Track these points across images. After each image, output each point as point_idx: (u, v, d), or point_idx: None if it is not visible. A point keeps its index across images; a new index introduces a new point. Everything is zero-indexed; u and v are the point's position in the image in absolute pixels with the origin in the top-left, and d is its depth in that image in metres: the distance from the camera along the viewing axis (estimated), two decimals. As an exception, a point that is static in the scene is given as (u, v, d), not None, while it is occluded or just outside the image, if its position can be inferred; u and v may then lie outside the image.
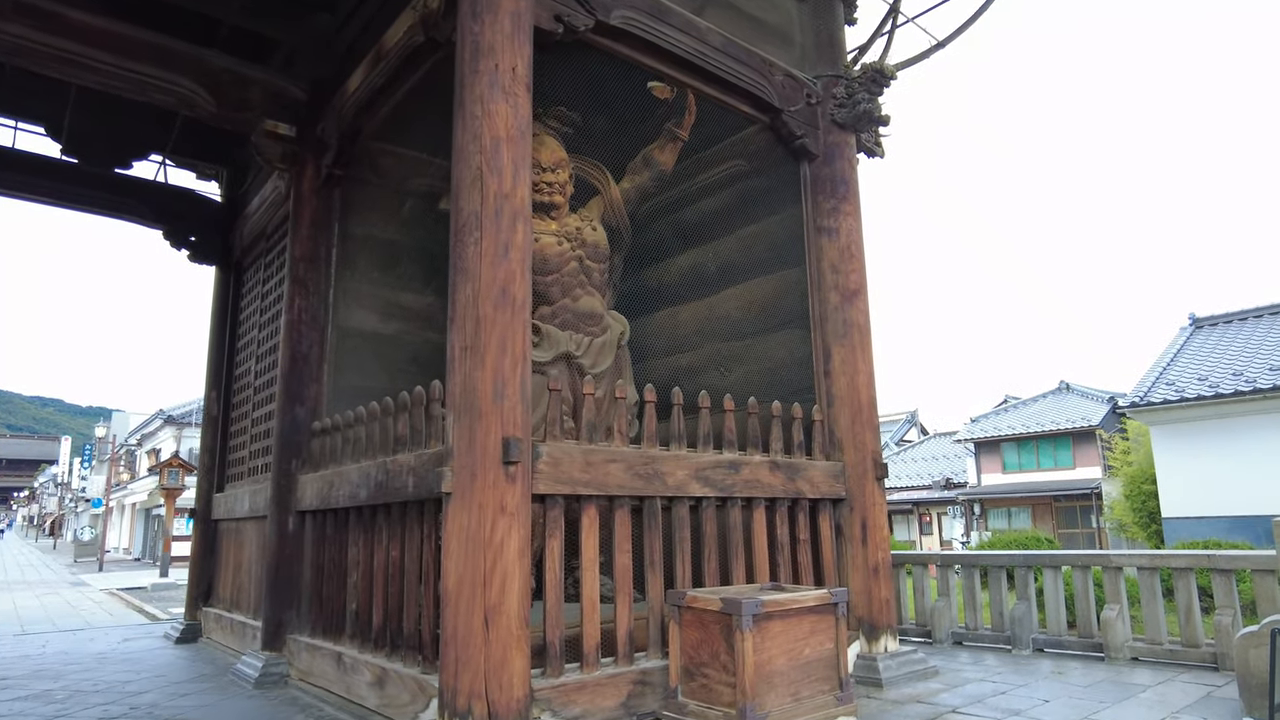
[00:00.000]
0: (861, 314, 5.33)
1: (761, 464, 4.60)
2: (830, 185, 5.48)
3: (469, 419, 3.37)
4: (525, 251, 3.63)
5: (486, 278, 3.49)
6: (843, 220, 5.42)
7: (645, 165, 6.05)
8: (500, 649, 3.22)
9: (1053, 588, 5.88)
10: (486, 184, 3.59)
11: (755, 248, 6.02)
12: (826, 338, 5.31)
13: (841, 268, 5.35)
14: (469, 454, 3.34)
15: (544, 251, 5.66)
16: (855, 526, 5.00)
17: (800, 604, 3.69)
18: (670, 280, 6.82)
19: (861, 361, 5.23)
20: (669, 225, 6.85)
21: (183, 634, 7.21)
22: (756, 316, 5.93)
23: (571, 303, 5.70)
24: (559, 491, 3.65)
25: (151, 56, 5.38)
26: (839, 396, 5.19)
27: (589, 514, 3.78)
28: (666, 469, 4.10)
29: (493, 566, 3.26)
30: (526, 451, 3.46)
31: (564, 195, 5.86)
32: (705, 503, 4.31)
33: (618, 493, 3.88)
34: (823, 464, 5.01)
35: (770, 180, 5.93)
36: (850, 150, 5.61)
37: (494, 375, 3.41)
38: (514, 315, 3.51)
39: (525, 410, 3.48)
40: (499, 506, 3.31)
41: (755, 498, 4.56)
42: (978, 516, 26.49)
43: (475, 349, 3.43)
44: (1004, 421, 27.66)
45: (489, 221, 3.55)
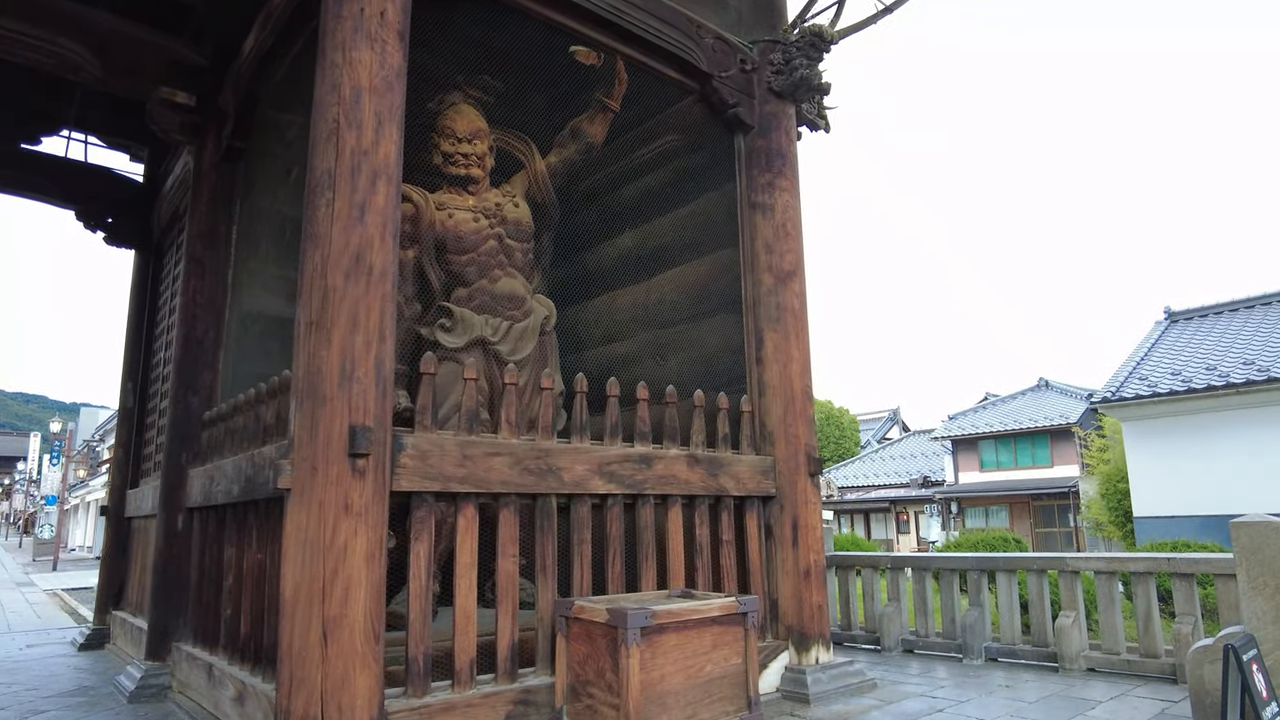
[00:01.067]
0: (796, 297, 4.93)
1: (678, 458, 4.19)
2: (766, 158, 5.08)
3: (311, 405, 2.95)
4: (388, 217, 3.20)
5: (338, 243, 3.06)
6: (779, 196, 5.02)
7: (573, 138, 5.63)
8: (341, 667, 2.80)
9: (1007, 593, 5.50)
10: (343, 138, 3.16)
11: (691, 228, 5.61)
12: (759, 322, 4.90)
13: (776, 247, 4.95)
14: (310, 445, 2.91)
15: (459, 229, 5.23)
16: (786, 526, 4.59)
17: (701, 614, 3.29)
18: (608, 265, 6.40)
19: (796, 348, 4.83)
20: (607, 206, 6.43)
21: (88, 640, 6.74)
22: (691, 301, 5.52)
23: (489, 284, 5.27)
24: (428, 488, 3.23)
25: (23, 12, 4.91)
26: (771, 386, 4.79)
27: (466, 514, 3.35)
28: (564, 464, 3.68)
29: (333, 573, 2.84)
30: (383, 443, 3.04)
31: (482, 168, 5.43)
32: (611, 501, 3.90)
33: (502, 490, 3.45)
34: (750, 459, 4.61)
35: (706, 156, 5.53)
36: (788, 121, 5.20)
37: (342, 355, 2.98)
38: (369, 287, 3.08)
39: (382, 396, 3.06)
40: (342, 505, 2.88)
41: (671, 495, 4.15)
42: (955, 515, 26.21)
43: (321, 325, 3.00)
44: (982, 419, 27.39)
45: (343, 181, 3.12)
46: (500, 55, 5.52)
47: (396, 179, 3.29)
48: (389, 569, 4.03)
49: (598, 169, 6.34)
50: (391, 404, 3.12)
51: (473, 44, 5.43)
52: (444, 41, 5.19)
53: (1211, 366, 13.20)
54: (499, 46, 5.48)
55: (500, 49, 5.49)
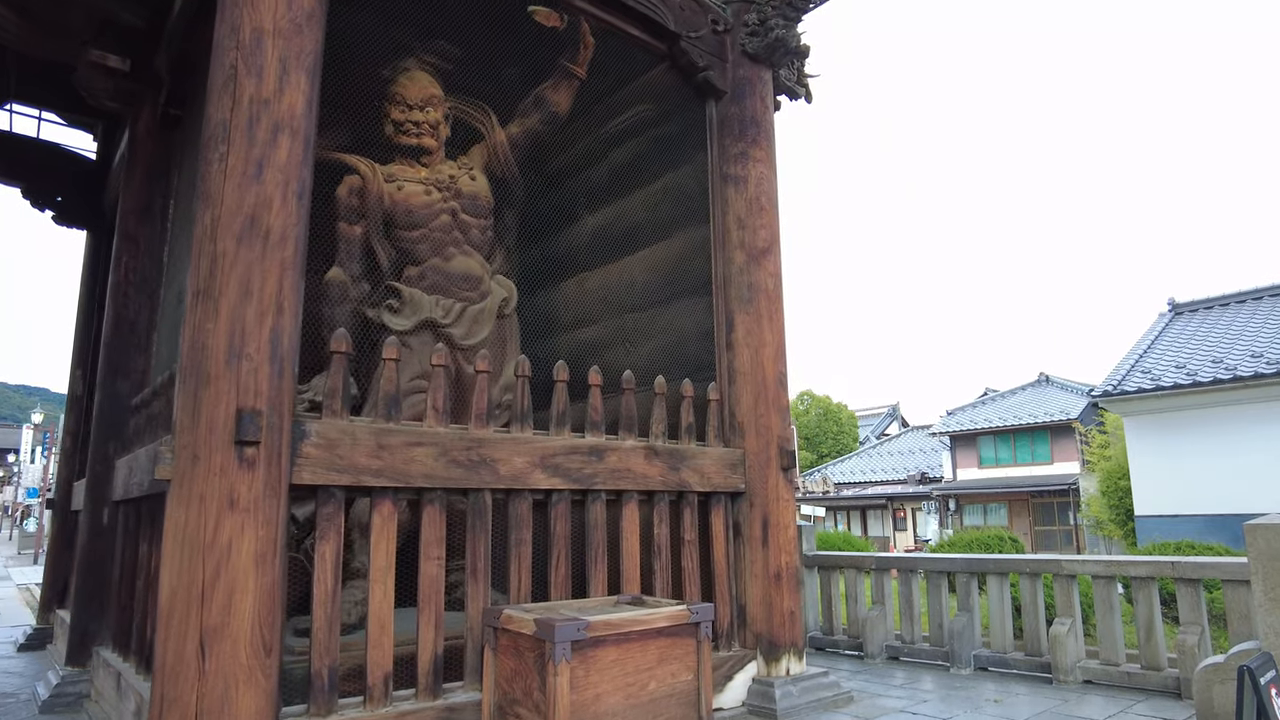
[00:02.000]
0: (770, 277, 4.54)
1: (634, 450, 3.82)
2: (739, 126, 4.69)
3: (194, 385, 2.57)
4: (291, 175, 2.82)
5: (230, 202, 2.69)
6: (752, 167, 4.63)
7: (536, 106, 5.25)
8: (220, 684, 2.43)
9: (999, 597, 5.12)
10: (240, 86, 2.79)
11: (663, 204, 5.23)
12: (729, 304, 4.52)
13: (749, 222, 4.57)
14: (191, 431, 2.54)
15: (409, 202, 4.85)
16: (755, 525, 4.22)
17: (645, 625, 2.91)
18: (579, 246, 6.01)
19: (769, 332, 4.45)
20: (577, 184, 6.04)
21: (29, 640, 6.39)
22: (662, 284, 5.14)
23: (443, 263, 4.89)
24: (335, 482, 2.85)
25: (-65, -35, 4.53)
26: (741, 372, 4.41)
27: (381, 511, 2.98)
28: (499, 455, 3.31)
29: (214, 576, 2.47)
30: (279, 430, 2.66)
31: (436, 138, 5.04)
32: (556, 497, 3.53)
33: (425, 484, 3.08)
34: (716, 451, 4.23)
35: (679, 126, 5.14)
36: (764, 88, 4.81)
37: (230, 329, 2.61)
38: (266, 252, 2.71)
39: (278, 376, 2.68)
40: (226, 499, 2.51)
41: (626, 491, 3.78)
42: (952, 512, 25.82)
43: (209, 295, 2.62)
44: (981, 414, 26.97)
45: (239, 133, 2.74)
46: (458, 20, 5.13)
47: (305, 134, 2.92)
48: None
49: (569, 145, 5.97)
50: (291, 385, 2.74)
51: (430, 8, 5.04)
52: (398, 5, 4.83)
53: (1218, 359, 12.78)
54: (457, 10, 5.09)
55: (458, 13, 5.10)
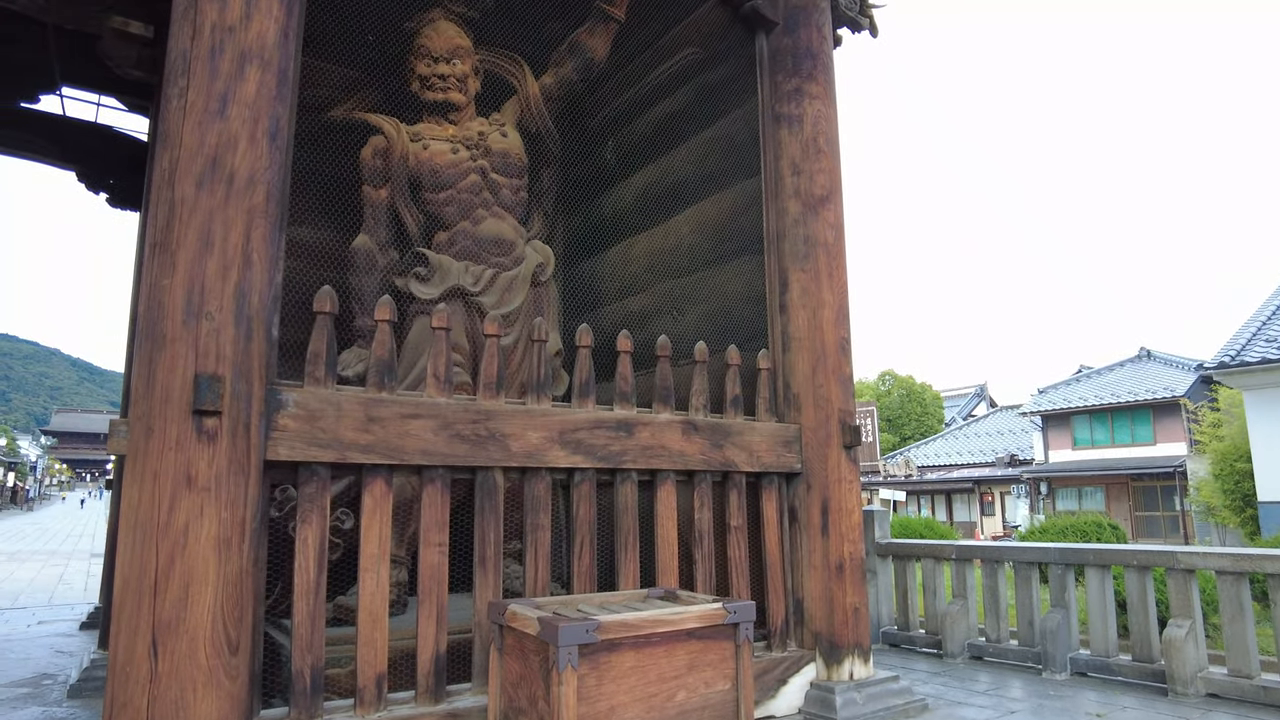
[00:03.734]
0: (830, 229, 4.02)
1: (669, 424, 3.38)
2: (792, 60, 4.16)
3: (148, 349, 2.27)
4: (260, 112, 2.48)
5: (190, 143, 2.37)
6: (808, 105, 4.10)
7: (570, 53, 4.84)
8: (175, 687, 2.13)
9: (1099, 593, 4.49)
10: (202, 12, 2.46)
11: (711, 156, 4.75)
12: (783, 260, 4.02)
13: (805, 167, 4.05)
14: (145, 400, 2.24)
15: (435, 161, 4.52)
16: (814, 510, 3.73)
17: (671, 626, 2.49)
18: (625, 208, 5.59)
19: (829, 291, 3.93)
20: (623, 141, 5.61)
21: (90, 618, 6.43)
22: (711, 243, 4.67)
23: (472, 226, 4.56)
24: (317, 458, 2.52)
25: (-48, -68, 4.41)
26: (797, 338, 3.91)
27: (373, 491, 2.64)
28: (511, 429, 2.93)
29: (169, 565, 2.17)
30: (247, 398, 2.34)
31: (464, 93, 4.69)
32: (579, 476, 3.13)
33: (424, 461, 2.72)
34: (768, 426, 3.76)
35: (728, 69, 4.64)
36: (820, 16, 4.26)
37: (188, 284, 2.29)
38: (230, 198, 2.38)
39: (245, 338, 2.35)
40: (183, 476, 2.20)
41: (660, 470, 3.35)
42: (1044, 496, 24.38)
43: (165, 246, 2.31)
44: (1075, 393, 25.34)
45: (199, 64, 2.42)
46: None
47: (279, 67, 2.57)
48: (344, 556, 3.41)
49: (612, 99, 5.54)
50: (264, 349, 2.42)
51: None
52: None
53: (1352, 328, 11.44)
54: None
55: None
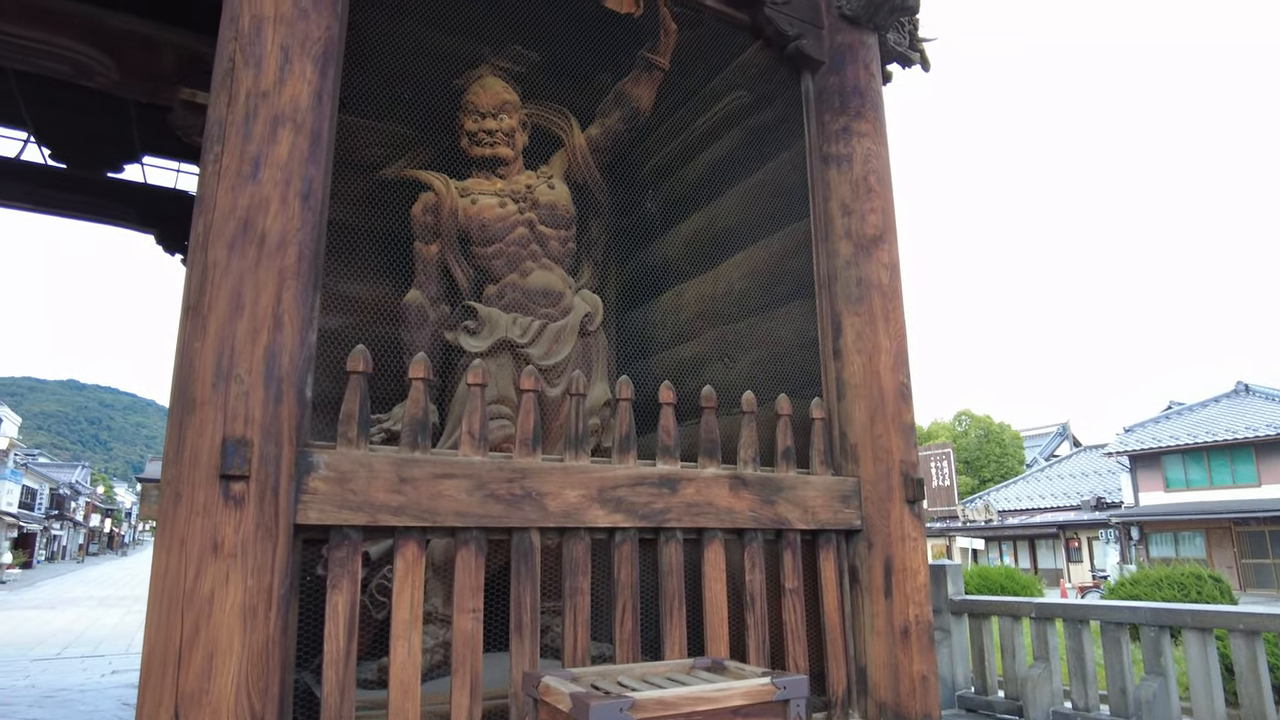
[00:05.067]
0: (884, 269, 3.85)
1: (716, 479, 3.23)
2: (839, 98, 4.06)
3: (180, 412, 2.26)
4: (293, 174, 2.50)
5: (223, 207, 2.39)
6: (857, 143, 3.98)
7: (616, 103, 4.85)
8: (198, 768, 2.06)
9: (1200, 659, 4.08)
10: (238, 80, 2.50)
11: (759, 200, 4.66)
12: (835, 304, 3.87)
13: (855, 207, 3.91)
14: (175, 464, 2.23)
15: (483, 216, 4.55)
16: (876, 570, 3.50)
17: (713, 704, 2.32)
18: (674, 255, 5.53)
19: (885, 335, 3.75)
20: (672, 189, 5.57)
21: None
22: (762, 289, 4.55)
23: (520, 278, 4.55)
24: (349, 521, 2.46)
25: (34, 18, 4.70)
26: (852, 384, 3.73)
27: (405, 554, 2.56)
28: (548, 487, 2.83)
29: (193, 634, 2.12)
30: (276, 461, 2.31)
31: (511, 146, 4.74)
32: (620, 536, 3.00)
33: (458, 522, 2.64)
34: (823, 480, 3.56)
35: (775, 112, 4.57)
36: (868, 53, 4.16)
37: (218, 347, 2.29)
38: (261, 260, 2.38)
39: (274, 400, 2.33)
40: (210, 543, 2.17)
41: (707, 528, 3.19)
42: (1135, 542, 22.92)
43: (198, 310, 2.32)
44: (1165, 431, 23.92)
45: (234, 130, 2.45)
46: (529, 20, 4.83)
47: (312, 129, 2.60)
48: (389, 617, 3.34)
49: (658, 149, 5.52)
50: (296, 411, 2.39)
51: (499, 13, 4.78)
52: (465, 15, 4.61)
53: None
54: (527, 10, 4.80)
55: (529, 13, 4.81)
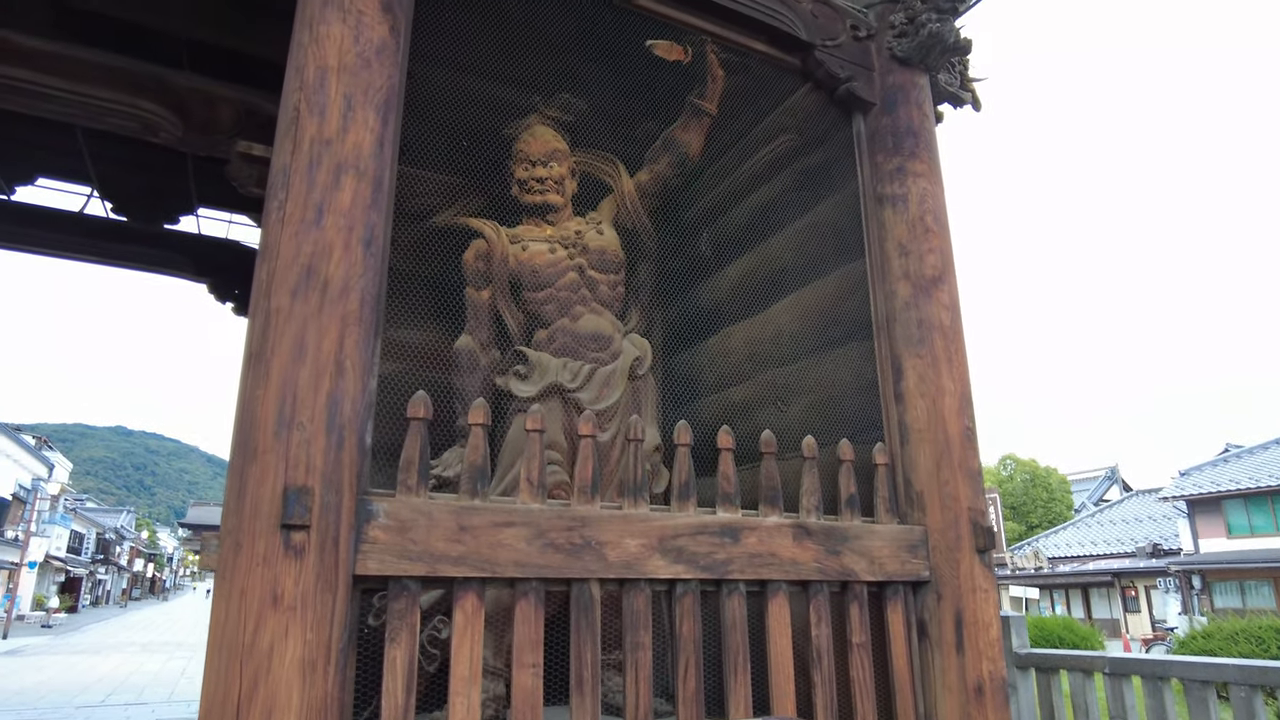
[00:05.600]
0: (945, 310, 3.75)
1: (779, 528, 3.12)
2: (893, 139, 4.01)
3: (241, 461, 2.24)
4: (356, 221, 2.50)
5: (286, 253, 2.39)
6: (912, 183, 3.92)
7: (665, 149, 4.85)
8: (255, 833, 1.98)
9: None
10: (302, 128, 2.53)
11: (810, 241, 4.60)
12: (895, 346, 3.77)
13: (913, 247, 3.83)
14: (236, 514, 2.19)
15: (534, 261, 4.56)
16: (946, 623, 3.34)
17: (790, 768, 2.18)
18: (721, 298, 5.48)
19: (948, 377, 3.64)
20: (719, 232, 5.55)
21: None
22: (815, 331, 4.47)
23: (570, 323, 4.53)
24: (408, 572, 2.40)
25: (106, 79, 4.89)
26: (915, 429, 3.61)
27: (465, 606, 2.49)
28: (608, 536, 2.74)
29: (251, 689, 2.06)
30: (337, 510, 2.26)
31: (561, 194, 4.76)
32: (681, 588, 2.89)
33: (518, 573, 2.57)
34: (889, 529, 3.43)
35: (825, 153, 4.54)
36: (920, 93, 4.12)
37: (281, 394, 2.27)
38: (324, 306, 2.37)
39: (335, 448, 2.30)
40: (269, 595, 2.12)
41: (770, 580, 3.07)
42: (1198, 591, 21.91)
43: (260, 357, 2.31)
44: (1224, 474, 23.01)
45: (298, 178, 2.47)
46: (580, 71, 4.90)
47: (375, 176, 2.61)
48: (442, 667, 3.27)
49: (706, 191, 5.52)
50: (356, 459, 2.35)
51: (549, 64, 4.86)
52: (515, 67, 4.71)
53: None
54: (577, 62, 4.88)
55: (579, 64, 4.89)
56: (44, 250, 7.08)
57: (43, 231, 6.95)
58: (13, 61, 4.71)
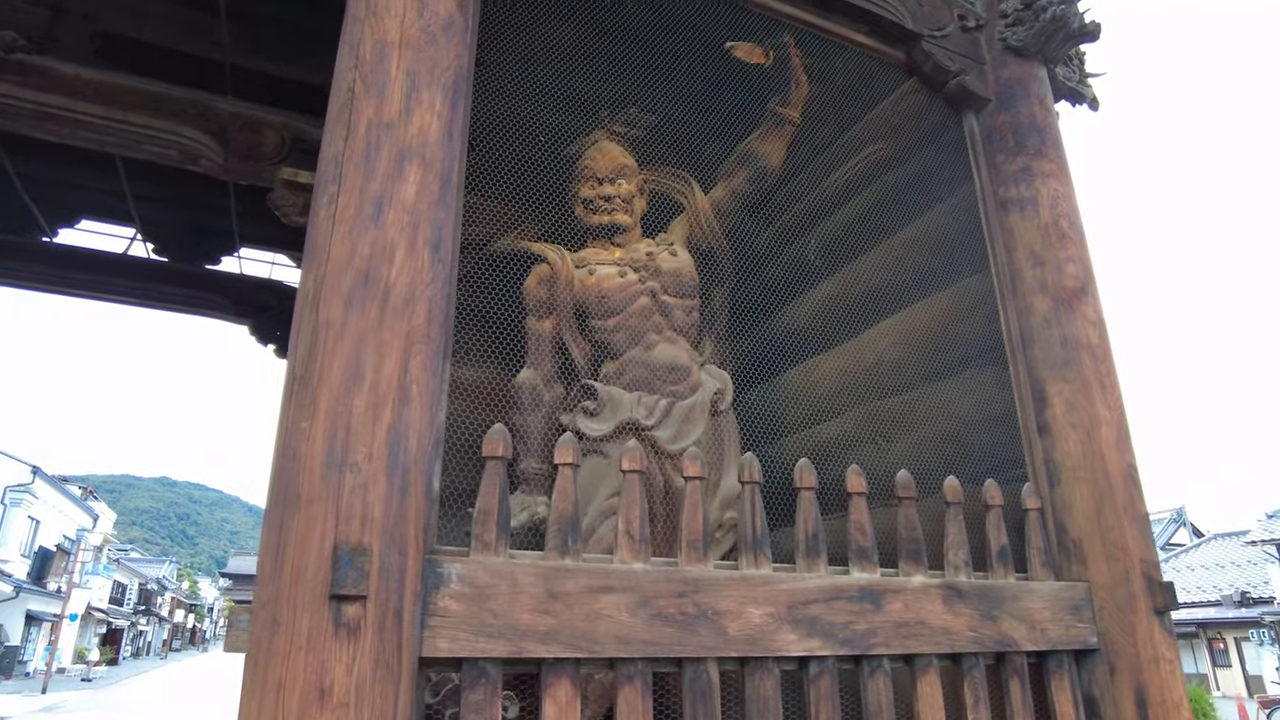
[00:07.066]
0: (1092, 326, 3.20)
1: (925, 590, 2.55)
2: (1014, 137, 3.52)
3: (279, 512, 1.77)
4: (423, 219, 2.07)
5: (338, 255, 1.95)
6: (1041, 185, 3.41)
7: (742, 163, 4.40)
8: None
9: None
10: (357, 110, 2.12)
11: (910, 258, 4.09)
12: (1035, 370, 3.22)
13: (1048, 256, 3.30)
14: (273, 581, 1.72)
15: (602, 286, 4.11)
16: (1124, 703, 2.72)
17: None
18: (801, 326, 4.96)
19: (1103, 405, 3.07)
20: (796, 254, 5.07)
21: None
22: (923, 357, 3.93)
23: (643, 352, 4.05)
24: (487, 653, 1.89)
25: (146, 106, 4.62)
26: (1068, 466, 3.04)
27: (556, 696, 1.96)
28: (727, 604, 2.21)
29: (292, 825, 1.55)
30: (399, 575, 1.77)
31: (630, 214, 4.33)
32: (817, 667, 2.33)
33: (620, 652, 2.04)
34: (1047, 587, 2.84)
35: (928, 158, 4.05)
36: (1039, 86, 3.64)
37: (331, 427, 1.80)
38: (385, 319, 1.92)
39: (402, 495, 1.82)
40: (315, 688, 1.62)
41: (919, 655, 2.50)
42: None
43: (305, 381, 1.85)
44: (1319, 517, 21.54)
45: (353, 167, 2.05)
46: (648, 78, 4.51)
47: (442, 168, 2.18)
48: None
49: (785, 209, 5.06)
50: (423, 508, 1.87)
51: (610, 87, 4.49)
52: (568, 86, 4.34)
53: None
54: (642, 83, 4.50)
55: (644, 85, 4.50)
56: (86, 293, 6.86)
57: (85, 274, 6.73)
58: (54, 90, 4.47)
